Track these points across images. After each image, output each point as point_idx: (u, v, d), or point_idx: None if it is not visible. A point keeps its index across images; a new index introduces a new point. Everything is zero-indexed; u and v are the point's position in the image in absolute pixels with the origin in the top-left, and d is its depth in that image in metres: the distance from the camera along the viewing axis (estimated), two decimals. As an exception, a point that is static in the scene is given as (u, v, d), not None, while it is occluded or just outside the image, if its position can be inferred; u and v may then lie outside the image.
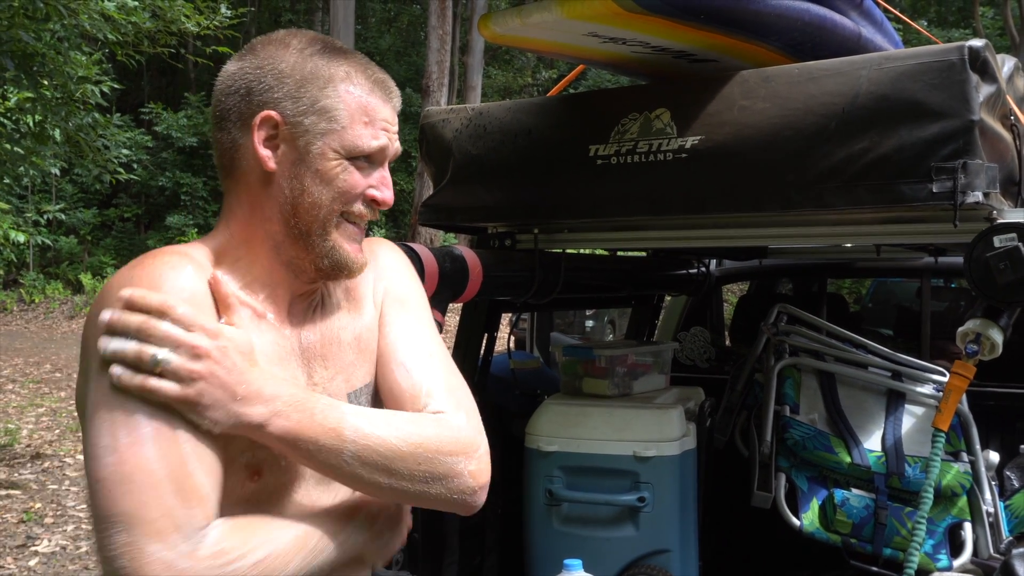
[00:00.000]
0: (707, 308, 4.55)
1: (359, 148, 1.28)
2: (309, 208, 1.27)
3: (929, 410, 2.95)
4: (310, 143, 1.26)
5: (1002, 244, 1.98)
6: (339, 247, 1.30)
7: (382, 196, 1.32)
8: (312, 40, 1.31)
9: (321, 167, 1.27)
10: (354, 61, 1.31)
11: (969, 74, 2.01)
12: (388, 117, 1.32)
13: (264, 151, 1.27)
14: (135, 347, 1.11)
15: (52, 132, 7.74)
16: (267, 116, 1.26)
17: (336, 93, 1.27)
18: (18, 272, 20.58)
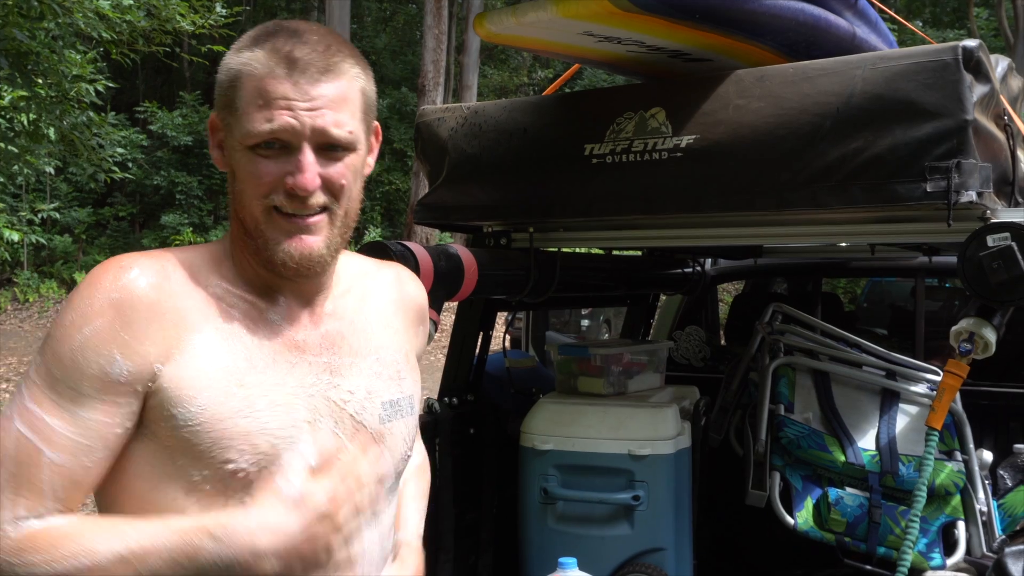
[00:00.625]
0: (702, 307, 4.55)
1: (252, 133, 1.19)
2: (240, 204, 1.24)
3: (923, 409, 2.96)
4: (229, 138, 1.24)
5: (995, 243, 1.98)
6: (273, 243, 1.22)
7: (292, 181, 1.19)
8: (254, 33, 1.26)
9: (234, 162, 1.24)
10: (272, 41, 1.21)
11: (963, 74, 2.02)
12: (289, 94, 1.18)
13: (216, 152, 1.28)
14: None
15: (47, 131, 7.73)
16: (211, 119, 1.27)
17: (240, 82, 1.22)
18: (12, 271, 20.52)
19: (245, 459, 1.17)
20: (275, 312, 1.27)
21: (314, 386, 1.25)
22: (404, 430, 1.36)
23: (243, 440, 1.17)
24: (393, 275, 1.49)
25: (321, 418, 1.25)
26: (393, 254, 2.25)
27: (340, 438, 1.26)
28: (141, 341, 1.15)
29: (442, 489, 2.83)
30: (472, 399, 3.05)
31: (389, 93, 21.83)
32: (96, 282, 1.17)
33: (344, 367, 1.29)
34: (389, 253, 2.25)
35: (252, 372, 1.20)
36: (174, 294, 1.19)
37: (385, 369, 1.35)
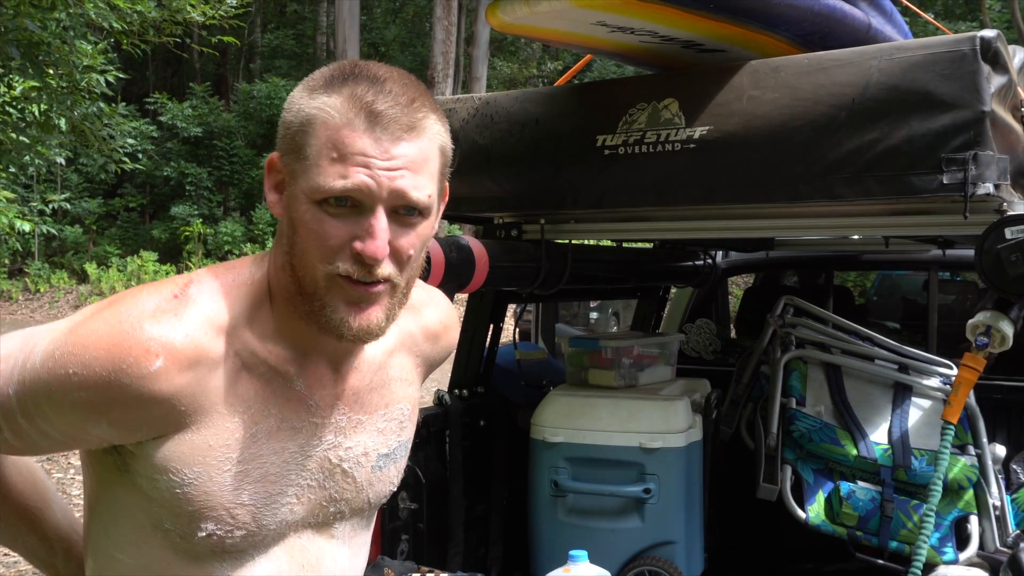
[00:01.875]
0: (713, 300, 4.53)
1: (321, 188, 1.08)
2: (299, 263, 1.12)
3: (936, 403, 2.94)
4: (291, 186, 1.13)
5: (1013, 236, 1.96)
6: (330, 310, 1.12)
7: (361, 247, 1.08)
8: (332, 72, 1.15)
9: (296, 214, 1.11)
10: (352, 87, 1.10)
11: (981, 65, 2.00)
12: (368, 150, 1.08)
13: (271, 195, 1.17)
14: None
15: (57, 121, 7.74)
16: (270, 160, 1.16)
17: (312, 127, 1.10)
18: (23, 261, 20.62)
19: (222, 527, 1.13)
20: (300, 375, 1.19)
21: (315, 448, 1.20)
22: (393, 473, 1.33)
23: (224, 511, 1.12)
24: (436, 320, 1.42)
25: (312, 477, 1.21)
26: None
27: (324, 499, 1.23)
28: (138, 426, 1.08)
29: (452, 481, 2.83)
30: (482, 391, 3.05)
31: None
32: (116, 347, 1.05)
33: (350, 427, 1.24)
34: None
35: (252, 444, 1.14)
36: (192, 392, 1.09)
37: (390, 424, 1.30)
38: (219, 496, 1.12)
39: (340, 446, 1.22)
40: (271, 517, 1.16)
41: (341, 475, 1.23)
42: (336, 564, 1.27)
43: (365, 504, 1.28)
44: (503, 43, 23.66)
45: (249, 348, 1.14)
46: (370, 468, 1.27)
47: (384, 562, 2.46)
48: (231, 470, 1.12)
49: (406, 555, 2.65)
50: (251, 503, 1.14)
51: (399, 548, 2.65)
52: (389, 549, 2.60)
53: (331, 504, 1.23)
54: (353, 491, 1.25)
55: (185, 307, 1.11)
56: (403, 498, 2.65)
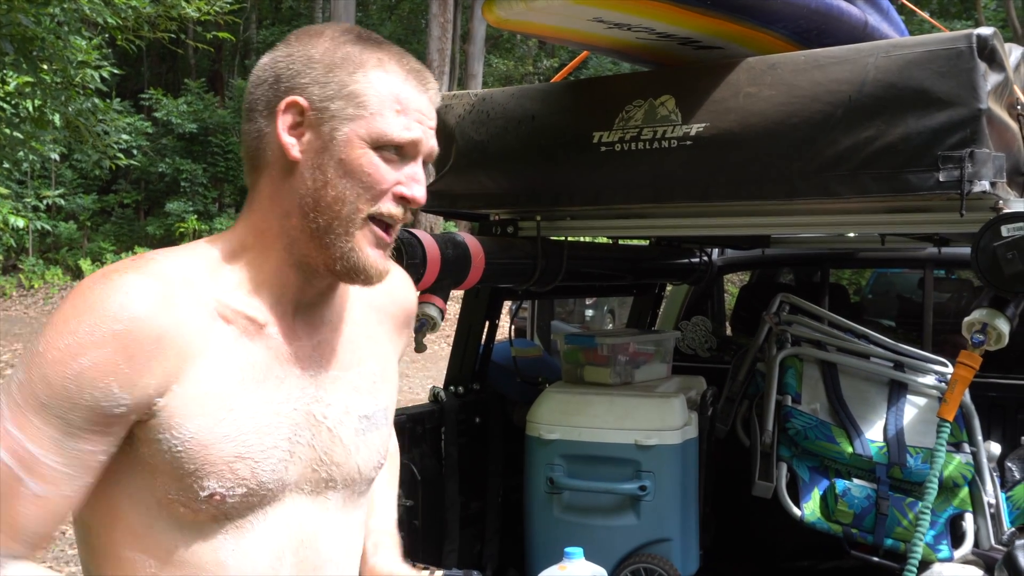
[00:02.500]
0: (708, 297, 4.53)
1: (388, 137, 1.18)
2: (332, 203, 1.18)
3: (931, 401, 2.95)
4: (336, 129, 1.18)
5: (1010, 233, 1.96)
6: (359, 250, 1.19)
7: (411, 193, 1.20)
8: (347, 30, 1.24)
9: (346, 156, 1.17)
10: (389, 50, 1.22)
11: (977, 62, 2.00)
12: (423, 108, 1.21)
13: (288, 138, 1.19)
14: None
15: (52, 117, 7.71)
16: (292, 102, 1.18)
17: (367, 78, 1.18)
18: (17, 257, 20.56)
19: (223, 484, 1.14)
20: (274, 324, 1.22)
21: (299, 400, 1.23)
22: (378, 442, 1.34)
23: (224, 466, 1.14)
24: (402, 290, 1.46)
25: (300, 433, 1.22)
26: (400, 242, 2.24)
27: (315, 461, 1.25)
28: (142, 375, 1.09)
29: (448, 478, 2.83)
30: (478, 388, 3.04)
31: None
32: (97, 307, 1.09)
33: (328, 381, 1.27)
34: (396, 241, 2.24)
35: (242, 393, 1.17)
36: (177, 322, 1.12)
37: (364, 382, 1.32)
38: (218, 449, 1.13)
39: (321, 400, 1.25)
40: (268, 474, 1.18)
41: (327, 434, 1.25)
42: (333, 540, 1.28)
43: (355, 472, 1.29)
44: (499, 40, 23.63)
45: (219, 299, 1.18)
46: (354, 429, 1.29)
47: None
48: (226, 419, 1.14)
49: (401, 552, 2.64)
50: (248, 456, 1.16)
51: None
52: (384, 546, 2.59)
53: (321, 468, 1.24)
54: (342, 453, 1.27)
55: (146, 264, 1.16)
56: (398, 495, 2.65)
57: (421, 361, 12.44)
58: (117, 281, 1.11)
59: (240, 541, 1.18)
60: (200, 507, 1.14)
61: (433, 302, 2.42)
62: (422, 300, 2.43)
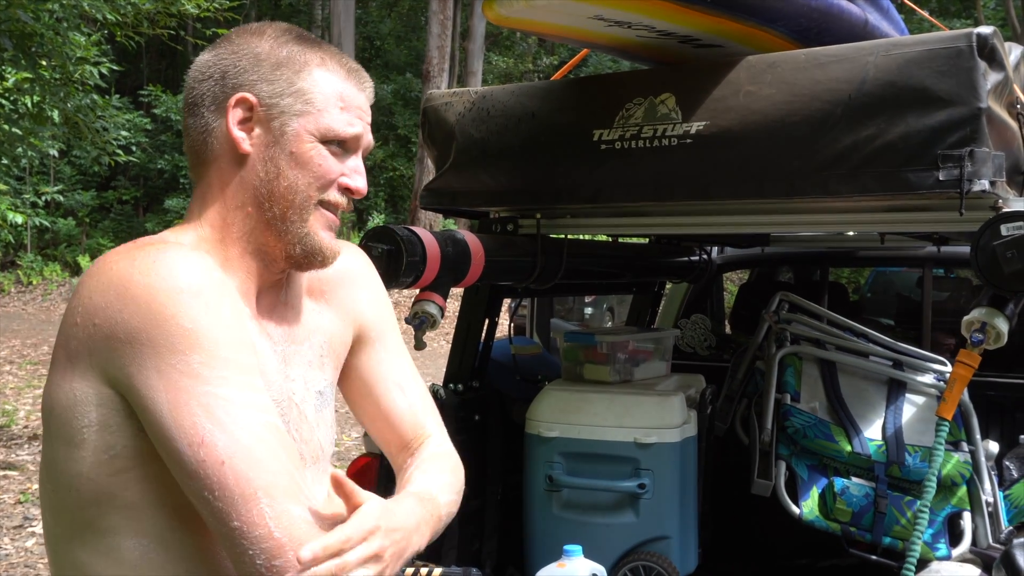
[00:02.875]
0: (708, 296, 4.53)
1: (334, 131, 1.27)
2: (285, 192, 1.25)
3: (930, 399, 2.95)
4: (285, 124, 1.25)
5: (1009, 232, 1.96)
6: (314, 234, 1.28)
7: (354, 184, 1.30)
8: (287, 29, 1.31)
9: (296, 149, 1.25)
10: (329, 50, 1.31)
11: (977, 61, 2.00)
12: (362, 105, 1.31)
13: (238, 133, 1.25)
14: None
15: (51, 113, 7.70)
16: (242, 98, 1.25)
17: (312, 77, 1.27)
18: (16, 253, 20.54)
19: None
20: (249, 305, 1.29)
21: (280, 378, 1.29)
22: (331, 418, 1.40)
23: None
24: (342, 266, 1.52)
25: (283, 408, 1.27)
26: (399, 239, 2.24)
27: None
28: (240, 315, 1.20)
29: (447, 475, 2.82)
30: (477, 386, 3.04)
31: (393, 79, 21.77)
32: (170, 262, 1.13)
33: (291, 356, 1.33)
34: (396, 238, 2.24)
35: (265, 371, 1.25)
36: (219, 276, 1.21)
37: (314, 356, 1.38)
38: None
39: (289, 377, 1.31)
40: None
41: (297, 411, 1.30)
42: None
43: (318, 450, 1.35)
44: (499, 37, 23.61)
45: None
46: (313, 405, 1.34)
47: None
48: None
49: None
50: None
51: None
52: (383, 543, 2.59)
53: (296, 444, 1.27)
54: (308, 429, 1.32)
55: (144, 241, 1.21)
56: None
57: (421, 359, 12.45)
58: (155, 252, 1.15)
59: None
60: None
61: (433, 299, 2.42)
62: (422, 297, 2.43)
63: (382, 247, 2.25)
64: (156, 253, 1.15)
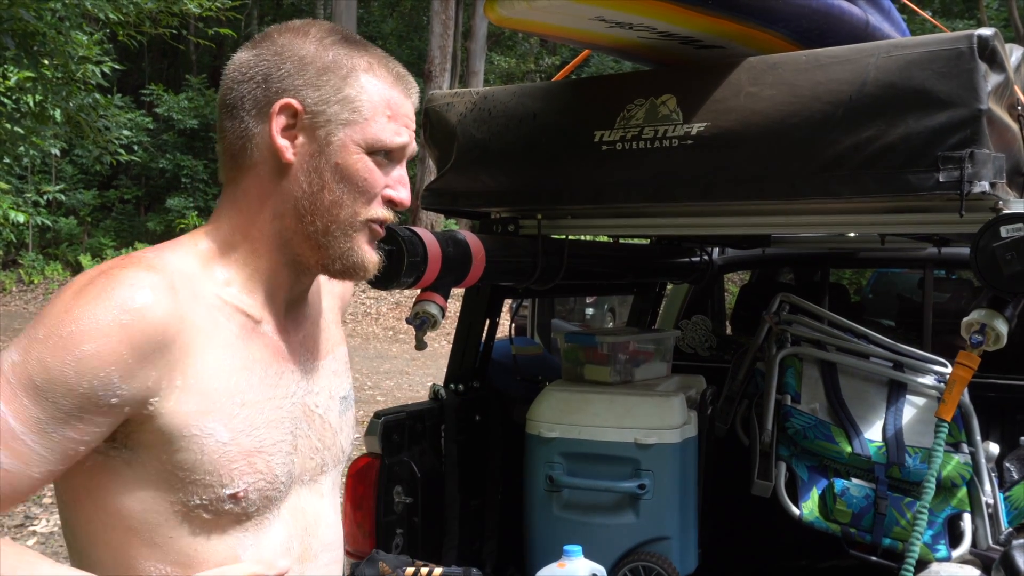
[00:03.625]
0: (709, 296, 4.54)
1: (381, 142, 1.21)
2: (329, 206, 1.20)
3: (930, 401, 2.95)
4: (332, 134, 1.19)
5: (1009, 234, 1.97)
6: (358, 249, 1.23)
7: (398, 196, 1.25)
8: (332, 30, 1.24)
9: (342, 160, 1.19)
10: (376, 53, 1.25)
11: (978, 63, 2.00)
12: (409, 113, 1.26)
13: (282, 141, 1.19)
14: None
15: (52, 112, 7.71)
16: (287, 104, 1.19)
17: (359, 83, 1.20)
18: (17, 252, 20.55)
19: (244, 480, 1.15)
20: (268, 321, 1.24)
21: (295, 393, 1.25)
22: (352, 419, 1.40)
23: (243, 460, 1.15)
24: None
25: (299, 425, 1.25)
26: (401, 239, 2.24)
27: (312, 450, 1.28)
28: (144, 366, 1.08)
29: (447, 475, 2.83)
30: (478, 386, 3.05)
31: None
32: (105, 297, 1.07)
33: (313, 371, 1.30)
34: (397, 238, 2.24)
35: (250, 390, 1.18)
36: (181, 317, 1.12)
37: (339, 365, 1.37)
38: (237, 444, 1.15)
39: (311, 391, 1.28)
40: (281, 467, 1.20)
41: (319, 421, 1.29)
42: (328, 525, 1.32)
43: (340, 452, 1.34)
44: (501, 38, 23.61)
45: (217, 296, 1.19)
46: (337, 412, 1.33)
47: (379, 556, 2.45)
48: (238, 415, 1.16)
49: (401, 549, 2.65)
50: (264, 450, 1.17)
51: (394, 542, 2.65)
52: (384, 543, 2.60)
53: (316, 454, 1.28)
54: (331, 436, 1.31)
55: (144, 259, 1.16)
56: (398, 492, 2.66)
57: (421, 359, 12.44)
58: (120, 275, 1.11)
59: (260, 537, 1.19)
60: (224, 507, 1.15)
61: (434, 300, 2.42)
62: (423, 298, 2.44)
63: (383, 247, 2.24)
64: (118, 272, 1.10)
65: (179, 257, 1.20)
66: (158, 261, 1.16)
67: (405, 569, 2.40)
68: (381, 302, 16.18)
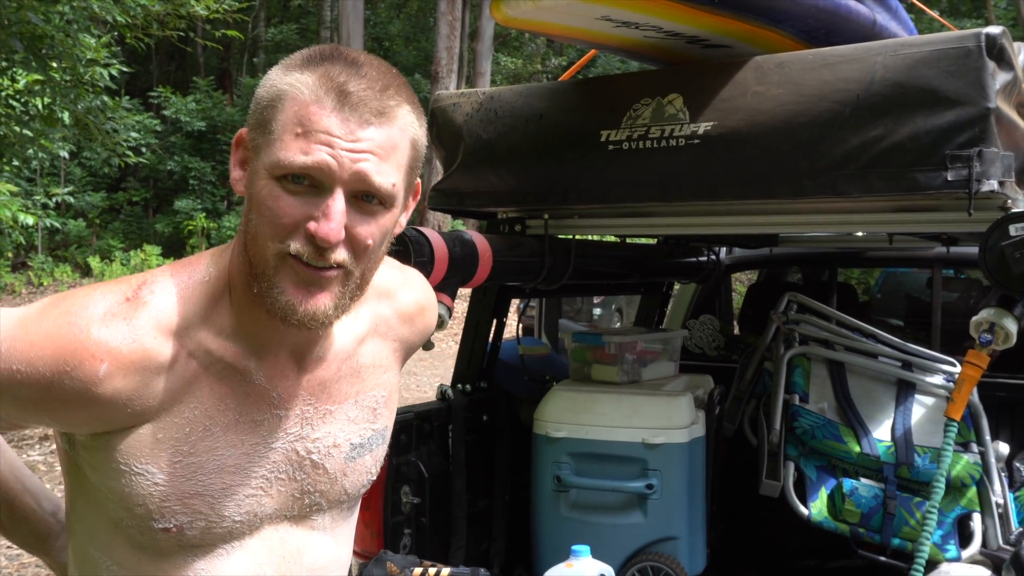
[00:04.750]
0: (716, 296, 4.53)
1: (282, 163, 1.06)
2: (251, 240, 1.10)
3: (939, 400, 2.94)
4: (254, 160, 1.11)
5: (1018, 233, 1.96)
6: (281, 291, 1.09)
7: (315, 227, 1.06)
8: (310, 53, 1.13)
9: (253, 190, 1.10)
10: (327, 67, 1.09)
11: (986, 61, 1.99)
12: (333, 129, 1.06)
13: (236, 171, 1.14)
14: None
15: (61, 115, 7.74)
16: (239, 135, 1.14)
17: (280, 102, 1.08)
18: (27, 255, 20.62)
19: (177, 520, 1.12)
20: (260, 368, 1.17)
21: (279, 440, 1.19)
22: (371, 462, 1.32)
23: (177, 501, 1.11)
24: (412, 302, 1.40)
25: (281, 469, 1.20)
26: (408, 240, 2.25)
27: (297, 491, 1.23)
28: (80, 423, 1.08)
29: (455, 476, 2.83)
30: (485, 386, 3.05)
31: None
32: (60, 354, 1.05)
33: (317, 418, 1.23)
34: (404, 239, 2.25)
35: (206, 438, 1.13)
36: (139, 386, 1.08)
37: (362, 413, 1.28)
38: (171, 487, 1.11)
39: (307, 437, 1.22)
40: (234, 509, 1.15)
41: (311, 466, 1.23)
42: (319, 554, 1.27)
43: (342, 495, 1.28)
44: (507, 38, 23.63)
45: (203, 347, 1.13)
46: (343, 458, 1.26)
47: (387, 556, 2.46)
48: (182, 461, 1.11)
49: (408, 549, 2.65)
50: (207, 494, 1.13)
51: (402, 542, 2.65)
52: (392, 543, 2.60)
53: (305, 496, 1.23)
54: (327, 482, 1.25)
55: (135, 311, 1.10)
56: (406, 492, 2.66)
57: (429, 359, 12.45)
58: (95, 336, 1.07)
59: (213, 562, 1.17)
60: (157, 536, 1.13)
61: (441, 300, 2.43)
62: (430, 298, 2.44)
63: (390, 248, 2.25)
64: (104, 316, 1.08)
65: (182, 296, 1.14)
66: (147, 313, 1.11)
67: (413, 569, 2.41)
68: (389, 303, 16.18)
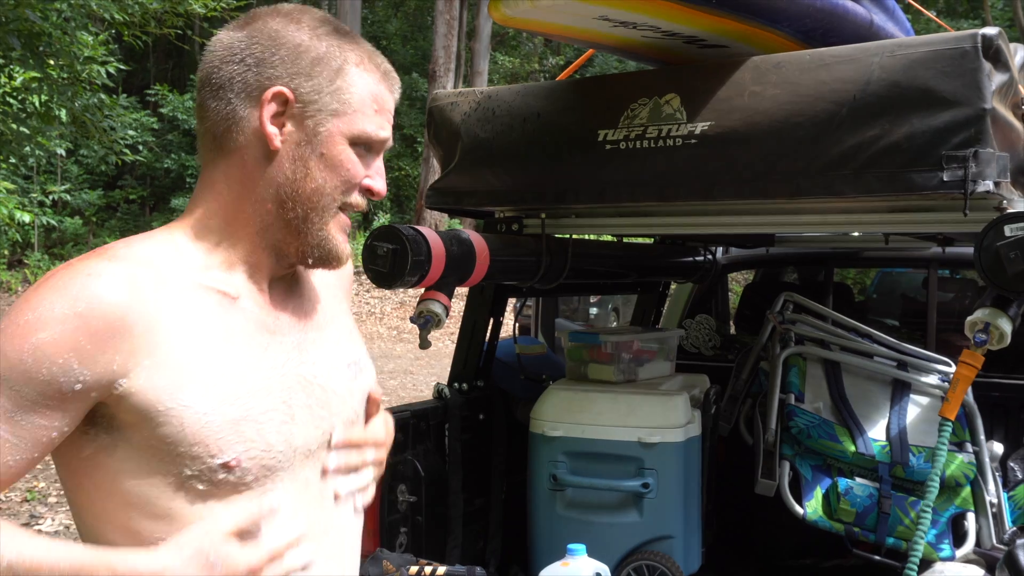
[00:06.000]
0: (712, 296, 4.54)
1: (367, 135, 1.25)
2: (311, 194, 1.23)
3: (934, 400, 2.95)
4: (320, 124, 1.22)
5: (1013, 233, 1.96)
6: (331, 237, 1.26)
7: (376, 186, 1.29)
8: (324, 20, 1.26)
9: (327, 150, 1.22)
10: (364, 47, 1.28)
11: (982, 62, 2.00)
12: (392, 109, 1.30)
13: (271, 128, 1.20)
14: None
15: (58, 112, 7.74)
16: (279, 92, 1.20)
17: (350, 76, 1.24)
18: (23, 253, 20.59)
19: (234, 448, 1.15)
20: (248, 297, 1.25)
21: (285, 365, 1.25)
22: (370, 381, 1.41)
23: (230, 430, 1.15)
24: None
25: (295, 396, 1.25)
26: (405, 238, 2.25)
27: (315, 419, 1.28)
28: (104, 351, 1.10)
29: (451, 474, 2.84)
30: (482, 385, 3.05)
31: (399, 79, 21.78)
32: (61, 288, 1.10)
33: (309, 342, 1.31)
34: (401, 237, 2.25)
35: (228, 357, 1.18)
36: (144, 301, 1.13)
37: (342, 335, 1.39)
38: (220, 413, 1.15)
39: (308, 362, 1.29)
40: (274, 435, 1.20)
41: (320, 390, 1.29)
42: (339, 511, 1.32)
43: (352, 414, 1.36)
44: (505, 37, 23.61)
45: (190, 279, 1.20)
46: (346, 378, 1.35)
47: (383, 554, 2.47)
48: (218, 383, 1.16)
49: (404, 548, 2.66)
50: (251, 417, 1.17)
51: (397, 541, 2.66)
52: (387, 542, 2.60)
53: (324, 422, 1.28)
54: (339, 403, 1.32)
55: (110, 250, 1.18)
56: (402, 491, 2.66)
57: (425, 358, 12.45)
58: (80, 266, 1.13)
59: (265, 499, 1.19)
60: (217, 478, 1.15)
61: (438, 299, 2.43)
62: (427, 297, 2.44)
63: (387, 246, 2.26)
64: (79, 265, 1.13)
65: (149, 246, 1.21)
66: (124, 251, 1.18)
67: (409, 568, 2.41)
68: (385, 302, 16.19)
